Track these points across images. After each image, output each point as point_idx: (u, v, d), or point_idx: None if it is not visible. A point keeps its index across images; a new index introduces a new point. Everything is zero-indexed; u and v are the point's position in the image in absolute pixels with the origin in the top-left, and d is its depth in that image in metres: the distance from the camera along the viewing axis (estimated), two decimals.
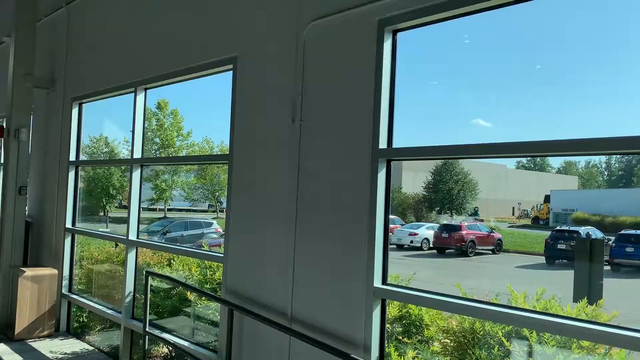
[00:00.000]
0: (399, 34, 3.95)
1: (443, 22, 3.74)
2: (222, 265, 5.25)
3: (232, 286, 5.01)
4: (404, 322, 4.64)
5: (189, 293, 6.51)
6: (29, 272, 7.29)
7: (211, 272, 6.53)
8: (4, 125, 8.10)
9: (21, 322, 7.16)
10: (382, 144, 3.86)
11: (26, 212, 8.19)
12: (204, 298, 6.34)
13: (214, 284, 6.38)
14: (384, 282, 3.86)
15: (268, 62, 4.83)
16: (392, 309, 4.59)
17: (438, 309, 4.03)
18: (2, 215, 7.87)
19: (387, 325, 4.08)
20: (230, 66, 5.22)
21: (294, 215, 4.44)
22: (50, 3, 8.53)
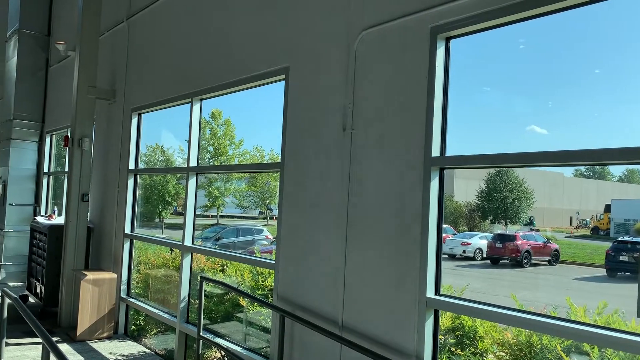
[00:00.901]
0: (451, 41, 3.92)
1: (497, 28, 3.69)
2: (273, 271, 5.33)
3: (284, 293, 5.07)
4: (457, 333, 4.55)
5: (241, 299, 6.62)
6: (90, 275, 7.61)
7: (263, 279, 6.62)
8: (69, 134, 8.52)
9: (83, 324, 7.47)
10: (435, 152, 3.83)
11: (88, 218, 8.57)
12: (255, 304, 6.43)
13: (266, 290, 6.47)
14: (437, 292, 3.81)
15: (319, 71, 4.88)
16: (445, 320, 4.51)
17: (493, 320, 3.94)
18: (65, 221, 8.27)
19: (440, 337, 4.02)
20: (283, 76, 5.32)
21: (344, 223, 4.45)
22: (111, 18, 8.95)
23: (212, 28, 6.51)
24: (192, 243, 6.79)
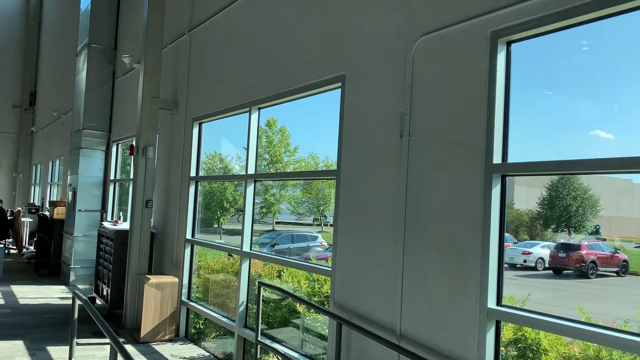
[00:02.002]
0: (512, 45, 3.83)
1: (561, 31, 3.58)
2: (329, 278, 5.35)
3: (340, 300, 5.08)
4: (519, 345, 4.41)
5: (297, 305, 6.68)
6: (154, 279, 7.88)
7: (319, 285, 6.66)
8: (134, 143, 8.90)
9: (146, 326, 7.74)
10: (497, 158, 3.75)
11: (151, 224, 8.90)
12: (312, 310, 6.47)
13: (322, 297, 6.50)
14: (499, 303, 3.72)
15: (376, 78, 4.88)
16: (507, 331, 4.39)
17: (558, 333, 3.79)
18: (130, 227, 8.61)
19: (502, 348, 3.91)
20: (339, 84, 5.35)
21: (402, 231, 4.42)
22: (174, 31, 9.30)
23: (269, 38, 6.64)
24: (250, 249, 6.92)
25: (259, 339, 5.91)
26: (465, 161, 3.93)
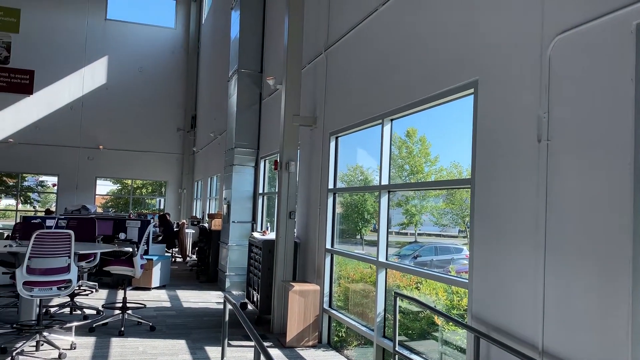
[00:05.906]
0: None
1: None
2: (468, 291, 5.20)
3: (478, 313, 4.91)
4: None
5: (436, 317, 6.57)
6: (297, 286, 8.29)
7: (458, 298, 6.49)
8: (278, 159, 9.49)
9: (291, 332, 8.16)
10: None
11: (295, 234, 9.38)
12: (450, 323, 6.33)
13: (461, 310, 6.32)
14: None
15: (510, 81, 4.70)
16: None
17: None
18: (276, 236, 9.17)
19: None
20: (472, 90, 5.23)
21: (542, 241, 4.17)
22: (312, 51, 9.78)
23: (398, 51, 6.70)
24: (387, 259, 6.98)
25: (396, 349, 5.93)
26: (611, 165, 3.61)
